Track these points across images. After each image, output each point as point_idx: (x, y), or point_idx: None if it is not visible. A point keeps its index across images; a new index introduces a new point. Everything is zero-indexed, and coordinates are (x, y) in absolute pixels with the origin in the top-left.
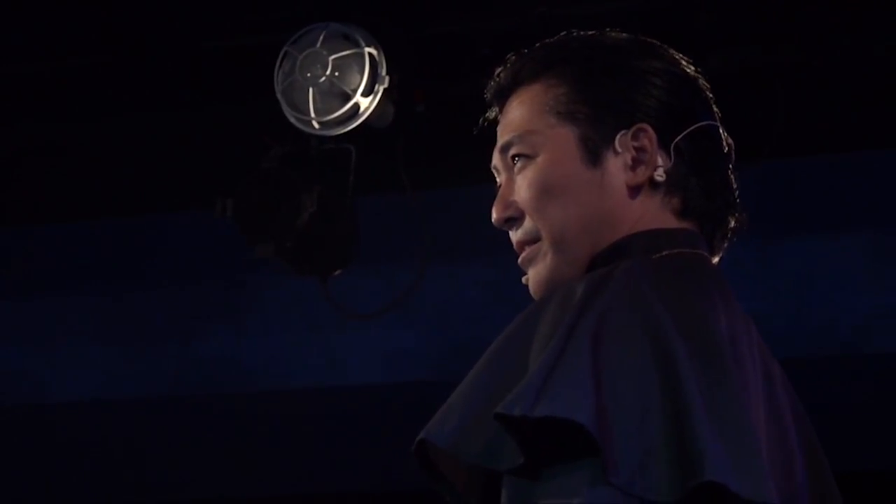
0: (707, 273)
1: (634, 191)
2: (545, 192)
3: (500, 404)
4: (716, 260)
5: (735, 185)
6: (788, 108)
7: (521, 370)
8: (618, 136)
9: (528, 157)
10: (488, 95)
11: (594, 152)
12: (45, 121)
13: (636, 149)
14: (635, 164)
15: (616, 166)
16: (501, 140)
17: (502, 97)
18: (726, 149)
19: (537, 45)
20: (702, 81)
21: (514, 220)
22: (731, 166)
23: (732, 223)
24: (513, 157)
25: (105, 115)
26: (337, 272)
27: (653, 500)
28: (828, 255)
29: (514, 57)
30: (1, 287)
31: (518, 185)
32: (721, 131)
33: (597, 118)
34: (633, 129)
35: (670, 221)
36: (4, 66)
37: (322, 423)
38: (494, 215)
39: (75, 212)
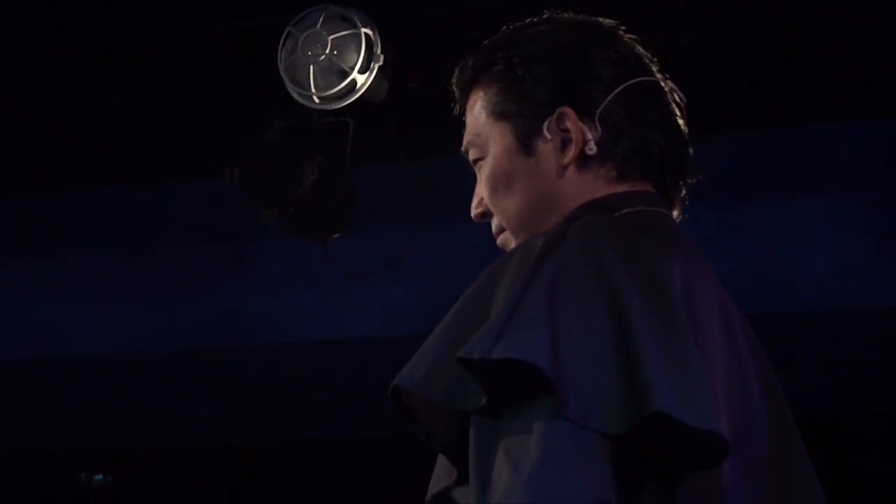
0: (663, 228)
1: (570, 169)
2: (495, 187)
3: (461, 349)
4: (676, 213)
5: (685, 139)
6: (752, 84)
7: (483, 318)
8: (544, 124)
9: (480, 159)
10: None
11: (527, 143)
12: (71, 96)
13: (562, 131)
14: (564, 144)
15: (549, 151)
16: (463, 145)
17: (463, 98)
18: (673, 104)
19: (482, 45)
20: (627, 43)
21: (487, 214)
22: (679, 119)
23: (688, 175)
24: (473, 161)
25: (124, 91)
26: (336, 235)
27: (605, 432)
28: (789, 219)
29: (469, 59)
30: (30, 250)
31: (480, 184)
32: (661, 83)
33: (523, 112)
34: (556, 114)
35: (615, 187)
36: (31, 43)
37: (322, 373)
38: (472, 213)
39: (95, 180)
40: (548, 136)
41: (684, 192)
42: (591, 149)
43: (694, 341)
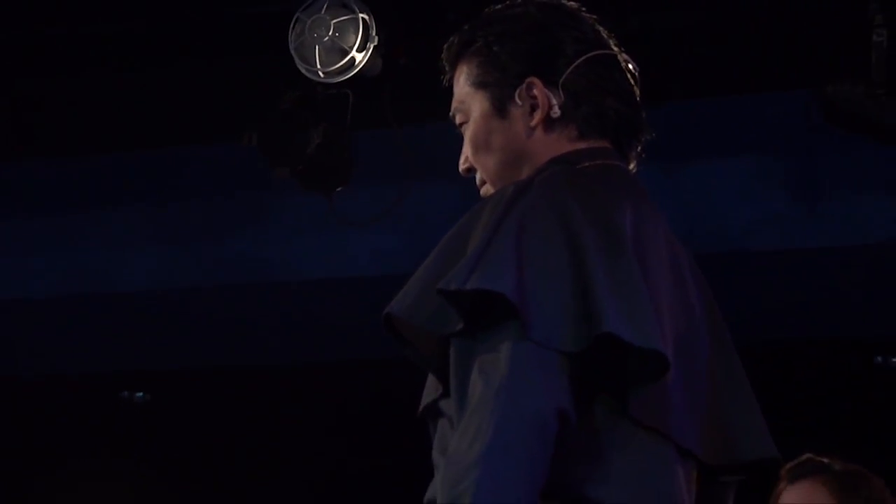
0: (618, 178)
1: (538, 129)
2: (476, 146)
3: (441, 281)
4: (632, 165)
5: (638, 103)
6: (689, 61)
7: (461, 256)
8: (516, 92)
9: (465, 122)
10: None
11: (501, 108)
12: (116, 73)
13: (531, 97)
14: (532, 109)
15: (520, 114)
16: (451, 111)
17: (450, 71)
18: (627, 73)
19: (464, 26)
20: (587, 21)
21: (472, 169)
22: (633, 86)
23: (640, 134)
24: (459, 124)
25: (161, 67)
26: (338, 189)
27: (564, 351)
28: (720, 175)
29: (453, 38)
30: (80, 201)
31: (465, 143)
32: (618, 57)
33: (498, 82)
34: (525, 83)
35: (576, 144)
36: (80, 25)
37: (326, 306)
38: (460, 169)
39: (134, 142)
40: (519, 102)
41: (638, 148)
42: (556, 112)
43: (640, 273)
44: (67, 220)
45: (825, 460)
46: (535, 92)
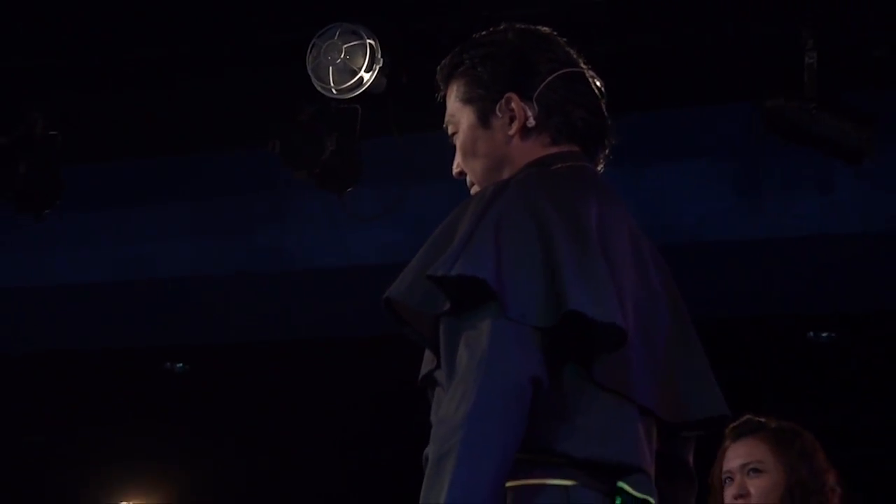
0: (586, 177)
1: (516, 137)
2: (465, 153)
3: (430, 268)
4: (600, 166)
5: (603, 113)
6: (648, 78)
7: (448, 246)
8: (497, 106)
9: (456, 133)
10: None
11: (485, 120)
12: (163, 92)
13: (509, 110)
14: (511, 120)
15: (500, 125)
16: (445, 123)
17: (444, 87)
18: (593, 88)
19: (454, 50)
20: (559, 44)
21: (463, 172)
22: (599, 99)
23: (606, 139)
24: (451, 134)
25: (198, 83)
26: (349, 189)
27: (536, 326)
28: (676, 176)
29: (445, 60)
30: (127, 200)
31: (457, 151)
32: (585, 74)
33: (482, 97)
34: (504, 98)
35: (550, 149)
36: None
37: (338, 290)
38: (453, 172)
39: (176, 149)
40: (499, 114)
41: (605, 151)
42: (531, 122)
43: (602, 259)
44: (120, 216)
45: (762, 419)
46: (513, 105)
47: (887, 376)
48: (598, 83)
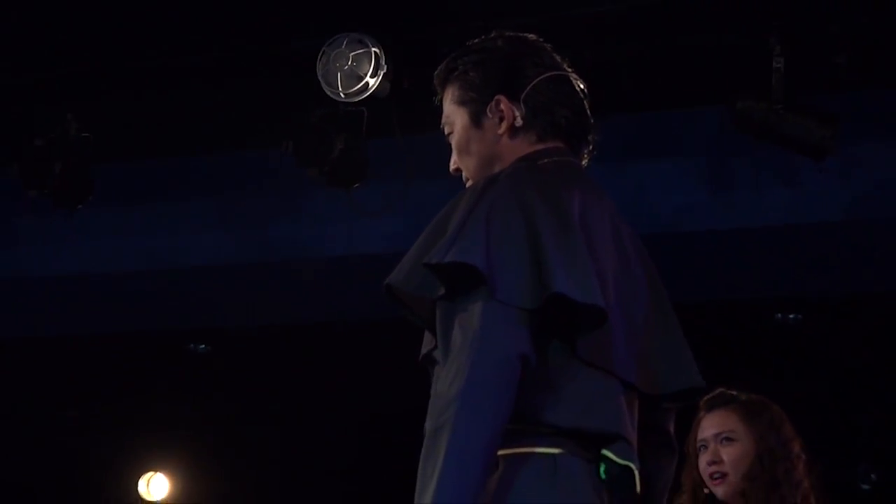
0: (570, 171)
1: (505, 136)
2: (460, 151)
3: (426, 256)
4: (584, 161)
5: (587, 114)
6: (630, 83)
7: (443, 236)
8: (487, 107)
9: (451, 133)
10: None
11: (477, 121)
12: (186, 103)
13: (499, 111)
14: (500, 120)
15: (491, 125)
16: (441, 124)
17: (440, 91)
18: (577, 90)
19: (450, 56)
20: (545, 50)
21: (459, 169)
22: (582, 99)
23: (589, 136)
24: (447, 134)
25: (218, 90)
26: (356, 185)
27: (523, 307)
28: (654, 173)
29: (441, 66)
30: (158, 196)
31: (453, 149)
32: (569, 77)
33: (474, 100)
34: (494, 100)
35: (536, 146)
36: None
37: (347, 275)
38: (450, 169)
39: (200, 150)
40: (489, 115)
41: (589, 147)
42: (519, 122)
43: (584, 246)
44: (146, 210)
45: (734, 392)
46: (502, 107)
47: (849, 354)
48: (581, 85)
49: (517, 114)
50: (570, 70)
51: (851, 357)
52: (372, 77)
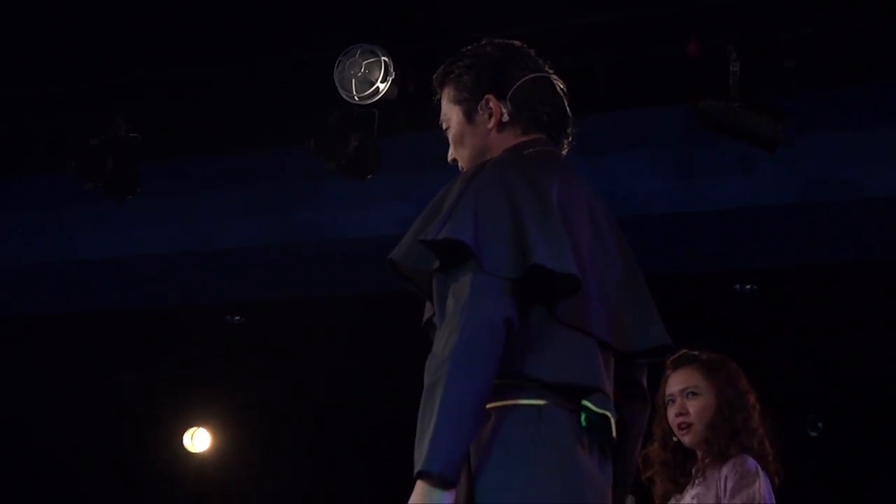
0: (552, 159)
1: (493, 130)
2: (455, 144)
3: (422, 234)
4: (564, 150)
5: (566, 109)
6: (604, 84)
7: (437, 216)
8: (478, 105)
9: (448, 128)
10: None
11: (470, 117)
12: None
13: (488, 108)
14: (490, 116)
15: (482, 120)
16: (440, 121)
17: (439, 91)
18: (557, 89)
19: (447, 61)
20: (528, 55)
21: (456, 160)
22: (562, 97)
23: (568, 129)
24: (445, 129)
25: (245, 93)
26: (369, 176)
27: (507, 277)
28: (627, 163)
29: (439, 70)
30: (202, 187)
31: (450, 143)
32: (550, 78)
33: (466, 99)
34: (484, 99)
35: (522, 138)
36: (196, 67)
37: (361, 254)
38: (448, 160)
39: (236, 149)
40: (480, 112)
41: (569, 138)
42: (506, 118)
43: (561, 223)
44: (188, 200)
45: (696, 352)
46: (491, 104)
47: (799, 319)
48: (561, 85)
49: (504, 110)
50: (551, 72)
51: (801, 322)
52: (382, 82)
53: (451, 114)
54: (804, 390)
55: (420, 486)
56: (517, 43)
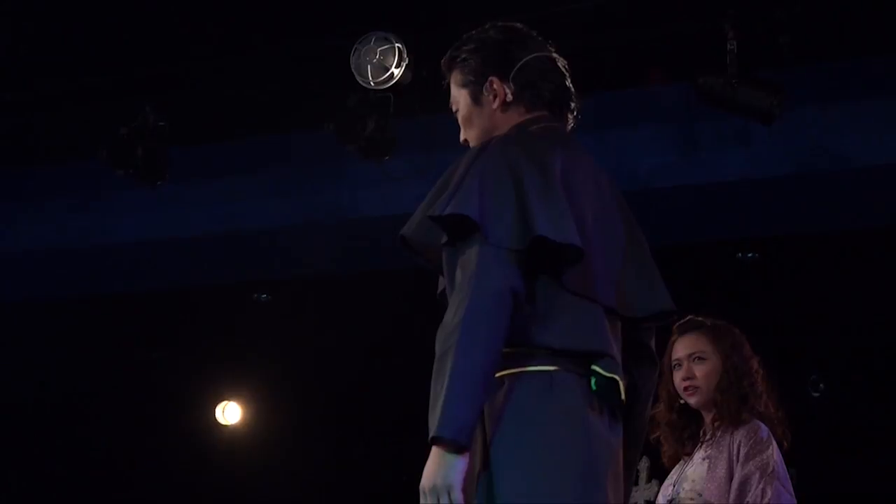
0: (556, 134)
1: (499, 110)
2: (465, 125)
3: (430, 210)
4: (570, 125)
5: (568, 86)
6: (608, 64)
7: (445, 192)
8: (484, 87)
9: (457, 110)
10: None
11: (476, 99)
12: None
13: (493, 89)
14: (494, 97)
15: (488, 101)
16: (450, 103)
17: (448, 75)
18: (558, 66)
19: (453, 46)
20: (530, 36)
21: (466, 140)
22: (563, 74)
23: (571, 104)
24: (455, 111)
25: (268, 80)
26: (386, 157)
27: (512, 248)
28: (631, 140)
29: (447, 55)
30: (217, 172)
31: (460, 124)
32: (551, 57)
33: (472, 82)
34: (488, 81)
35: (526, 115)
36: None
37: (380, 232)
38: (460, 140)
39: (255, 132)
40: (486, 93)
41: (574, 113)
42: (510, 98)
43: (564, 194)
44: (215, 183)
45: (701, 318)
46: (495, 86)
47: (798, 285)
48: (562, 63)
49: (508, 90)
50: (552, 51)
51: (801, 287)
52: (397, 68)
53: (459, 97)
54: (805, 353)
55: (435, 452)
56: (519, 25)
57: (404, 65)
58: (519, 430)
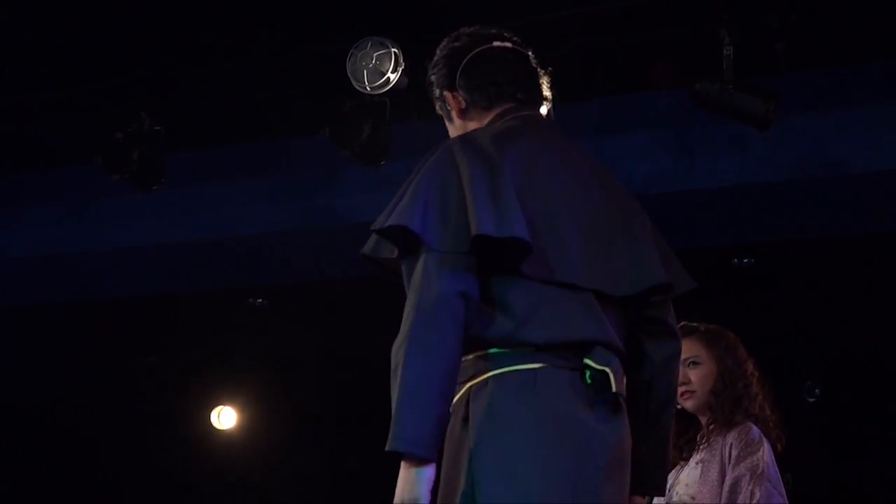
0: (524, 124)
1: (463, 119)
2: (449, 126)
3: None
4: (545, 110)
5: (527, 70)
6: (605, 72)
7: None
8: (445, 104)
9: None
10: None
11: (447, 116)
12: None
13: (447, 103)
14: (453, 105)
15: (452, 115)
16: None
17: (430, 95)
18: (503, 55)
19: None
20: (477, 34)
21: None
22: (513, 60)
23: (534, 86)
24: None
25: (263, 86)
26: (382, 162)
27: (456, 251)
28: (628, 144)
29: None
30: (212, 177)
31: None
32: (493, 48)
33: (437, 99)
34: (443, 97)
35: (487, 115)
36: (216, 64)
37: None
38: None
39: (256, 137)
40: (448, 109)
41: (543, 94)
42: (463, 105)
43: (512, 188)
44: (210, 189)
45: (695, 324)
46: (449, 100)
47: (793, 290)
48: (514, 49)
49: (461, 99)
50: (504, 41)
51: (796, 293)
52: (392, 73)
53: (440, 111)
54: (801, 359)
55: (402, 466)
56: (468, 29)
57: (400, 70)
58: (500, 436)
